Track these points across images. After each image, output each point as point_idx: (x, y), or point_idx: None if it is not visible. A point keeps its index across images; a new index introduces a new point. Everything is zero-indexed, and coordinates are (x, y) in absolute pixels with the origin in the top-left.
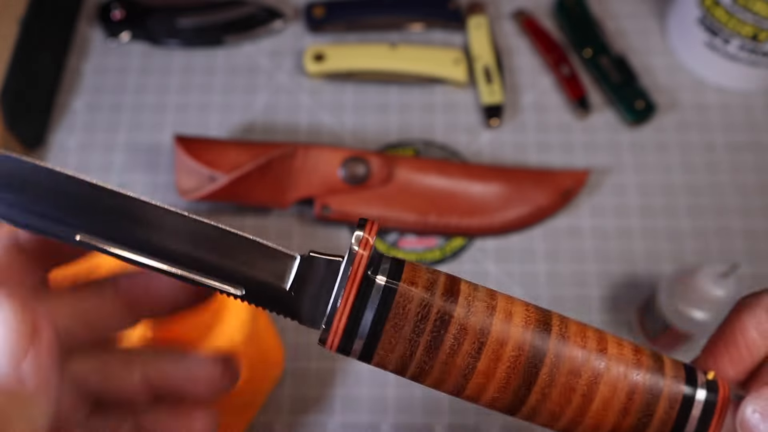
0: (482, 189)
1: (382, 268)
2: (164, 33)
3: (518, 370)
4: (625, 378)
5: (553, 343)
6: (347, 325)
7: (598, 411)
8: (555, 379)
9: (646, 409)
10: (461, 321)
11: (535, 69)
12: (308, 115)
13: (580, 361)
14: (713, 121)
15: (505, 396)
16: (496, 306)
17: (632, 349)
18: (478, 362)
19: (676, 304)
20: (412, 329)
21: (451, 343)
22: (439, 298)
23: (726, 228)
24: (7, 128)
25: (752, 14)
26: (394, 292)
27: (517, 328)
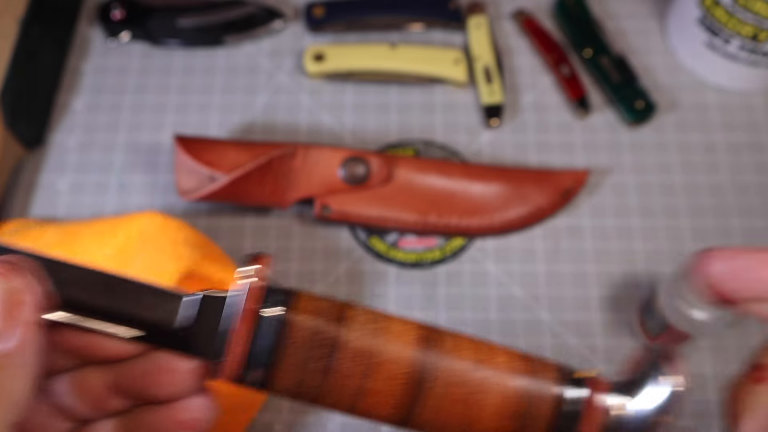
0: (482, 189)
1: (273, 300)
2: (164, 33)
3: (406, 386)
4: (504, 387)
5: (435, 356)
6: (242, 359)
7: (482, 419)
8: (438, 391)
9: (524, 410)
10: (351, 345)
11: (535, 69)
12: (308, 115)
13: (462, 375)
14: (713, 121)
15: (396, 411)
16: (382, 328)
17: (506, 356)
18: (368, 383)
19: (676, 304)
20: (306, 356)
21: (344, 366)
22: (330, 325)
23: (726, 228)
24: (7, 128)
25: (752, 14)
26: (286, 323)
27: (407, 347)
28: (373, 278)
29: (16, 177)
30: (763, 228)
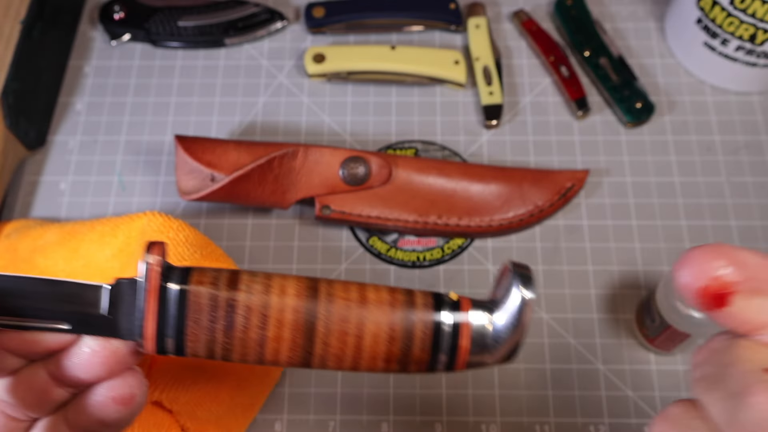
0: (482, 189)
1: (172, 277)
2: (165, 34)
3: (299, 330)
4: (384, 316)
5: (322, 301)
6: (157, 330)
7: (371, 346)
8: (330, 329)
9: (406, 336)
10: (245, 303)
11: (534, 70)
12: (308, 115)
13: (346, 311)
14: (712, 121)
15: (296, 353)
16: (272, 285)
17: (388, 291)
18: (266, 332)
19: (675, 304)
20: (209, 318)
21: (242, 322)
22: (224, 290)
23: (724, 228)
24: (9, 128)
25: (750, 15)
26: (187, 292)
27: (291, 297)
28: (373, 278)
29: (17, 177)
30: (761, 228)
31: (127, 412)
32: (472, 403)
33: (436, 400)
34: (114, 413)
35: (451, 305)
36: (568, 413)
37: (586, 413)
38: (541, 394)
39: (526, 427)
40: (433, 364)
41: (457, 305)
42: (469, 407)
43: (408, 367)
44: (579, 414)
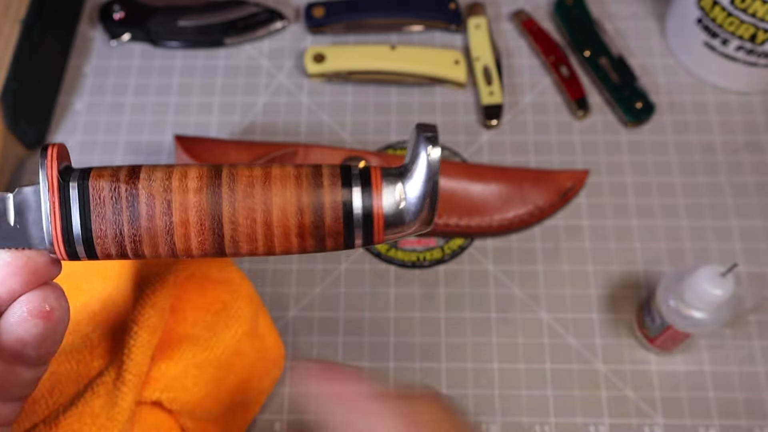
0: (482, 189)
1: (72, 176)
2: (165, 34)
3: (204, 211)
4: (290, 190)
5: (225, 181)
6: (63, 232)
7: (280, 220)
8: (236, 207)
9: (316, 209)
10: (147, 190)
11: (534, 69)
12: (308, 115)
13: (251, 189)
14: (712, 121)
15: (206, 238)
16: (173, 171)
17: (294, 167)
18: (172, 217)
19: (675, 304)
20: (112, 211)
21: (146, 209)
22: (124, 181)
23: (725, 228)
24: (8, 128)
25: (750, 15)
26: (87, 188)
27: (193, 180)
28: (373, 278)
29: (17, 177)
30: (761, 228)
31: (47, 327)
32: (473, 403)
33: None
34: (33, 328)
35: (361, 178)
36: (568, 413)
37: (586, 413)
38: (541, 394)
39: (526, 427)
40: (349, 240)
41: (367, 177)
42: (469, 407)
43: (324, 242)
44: (579, 414)
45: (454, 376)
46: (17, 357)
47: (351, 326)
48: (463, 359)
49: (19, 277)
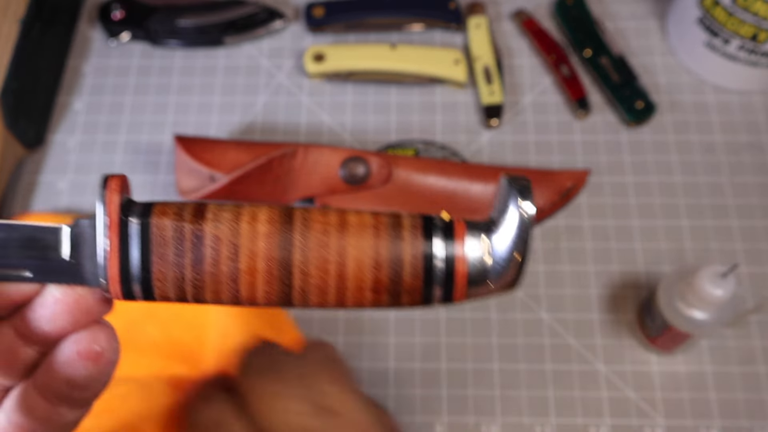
0: (482, 189)
1: (133, 212)
2: (164, 33)
3: (274, 259)
4: (368, 240)
5: (297, 226)
6: (121, 270)
7: (355, 273)
8: (308, 256)
9: (394, 263)
10: (213, 232)
11: (534, 69)
12: (308, 115)
13: (325, 236)
14: (713, 121)
15: (273, 287)
16: (241, 212)
17: (371, 215)
18: (239, 263)
19: (676, 304)
20: (175, 253)
21: (211, 253)
22: (189, 221)
23: (725, 228)
24: (8, 128)
25: (752, 14)
26: (149, 225)
27: (264, 224)
28: None
29: (16, 177)
30: (762, 228)
31: (96, 370)
32: (472, 403)
33: (436, 401)
34: (81, 370)
35: (444, 230)
36: (569, 414)
37: (586, 413)
38: (541, 394)
39: (526, 427)
40: (427, 297)
41: (450, 230)
42: (469, 407)
43: (400, 298)
44: (579, 414)
45: (454, 376)
46: (62, 398)
47: (351, 326)
48: (463, 359)
49: (69, 315)
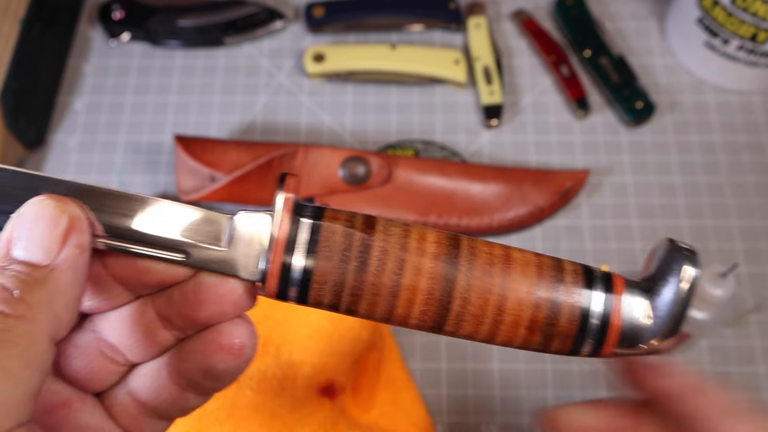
0: (482, 189)
1: (305, 212)
2: (165, 33)
3: (438, 280)
4: (530, 278)
5: (464, 253)
6: (282, 268)
7: (514, 308)
8: (471, 283)
9: (553, 305)
10: (381, 244)
11: (534, 69)
12: (308, 115)
13: (490, 267)
14: (712, 121)
15: (431, 308)
16: (410, 230)
17: (534, 254)
18: (402, 278)
19: None
20: (340, 258)
21: (376, 264)
22: (359, 229)
23: (725, 228)
24: (8, 128)
25: (751, 15)
26: (320, 227)
27: (432, 245)
28: None
29: None
30: (761, 228)
31: (234, 364)
32: (472, 403)
33: (437, 401)
34: (220, 363)
35: (603, 283)
36: None
37: None
38: (541, 394)
39: (526, 427)
40: (576, 346)
41: (609, 284)
42: (469, 407)
43: (551, 342)
44: None
45: (454, 376)
46: (193, 385)
47: None
48: (463, 359)
49: (217, 305)
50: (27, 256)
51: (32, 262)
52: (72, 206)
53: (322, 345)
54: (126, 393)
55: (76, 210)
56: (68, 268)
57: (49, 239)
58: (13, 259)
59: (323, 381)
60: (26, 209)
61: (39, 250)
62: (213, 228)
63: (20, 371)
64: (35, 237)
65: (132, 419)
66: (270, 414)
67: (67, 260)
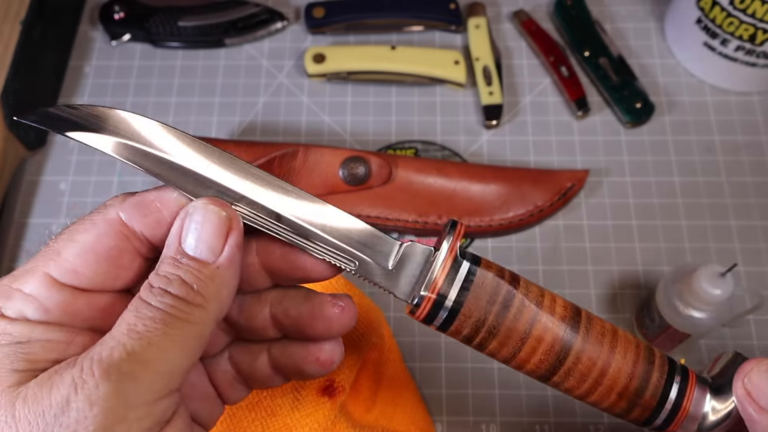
0: (482, 189)
1: (466, 256)
2: (165, 34)
3: (560, 337)
4: (629, 362)
5: (583, 323)
6: (437, 298)
7: (612, 379)
8: (584, 348)
9: (641, 386)
10: (522, 295)
11: (534, 70)
12: (308, 115)
13: (600, 343)
14: (711, 121)
15: (548, 359)
16: (545, 293)
17: (634, 344)
18: (533, 329)
19: (675, 304)
20: (488, 300)
21: (515, 311)
22: (507, 280)
23: (724, 227)
24: (9, 129)
25: (749, 15)
26: (476, 271)
27: (560, 308)
28: None
29: (18, 177)
30: (760, 228)
31: (322, 371)
32: (472, 403)
33: (437, 400)
34: (312, 370)
35: (681, 372)
36: (568, 413)
37: (586, 413)
38: (541, 394)
39: (526, 427)
40: (651, 419)
41: (686, 374)
42: (469, 407)
43: (633, 409)
44: (579, 414)
45: (454, 376)
46: (283, 374)
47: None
48: (463, 359)
49: (328, 325)
50: (197, 253)
51: (202, 260)
52: (230, 210)
53: None
54: (228, 362)
55: (234, 214)
56: (229, 264)
57: (215, 240)
58: (185, 253)
59: (323, 381)
60: (194, 211)
61: (207, 249)
62: (385, 248)
63: (193, 347)
64: (204, 239)
65: (227, 383)
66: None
67: (228, 257)
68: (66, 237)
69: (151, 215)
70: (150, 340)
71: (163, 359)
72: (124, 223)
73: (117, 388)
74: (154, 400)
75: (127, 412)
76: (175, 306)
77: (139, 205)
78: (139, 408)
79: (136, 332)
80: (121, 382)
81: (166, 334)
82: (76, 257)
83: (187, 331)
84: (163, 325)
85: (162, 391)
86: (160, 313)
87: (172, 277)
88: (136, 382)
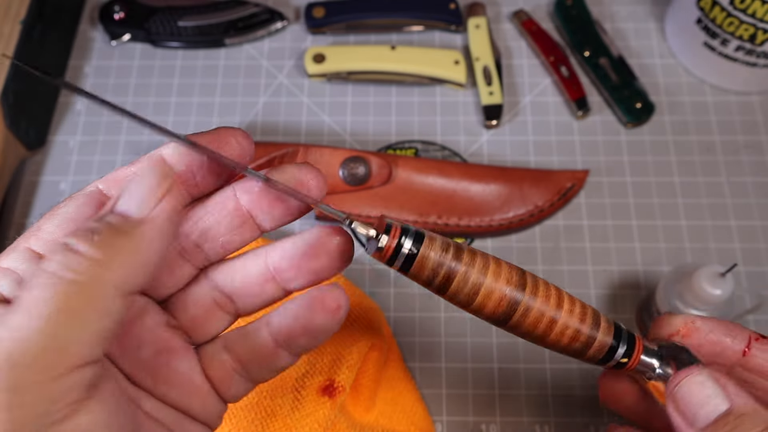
0: (482, 189)
1: (410, 232)
2: (165, 34)
3: (502, 307)
4: (572, 325)
5: (526, 296)
6: (396, 245)
7: (556, 336)
8: (528, 313)
9: (585, 342)
10: (465, 269)
11: (534, 70)
12: (308, 115)
13: (543, 309)
14: (711, 121)
15: (497, 313)
16: (489, 261)
17: (580, 307)
18: (485, 279)
19: (675, 304)
20: (439, 258)
21: (465, 267)
22: (451, 257)
23: (724, 228)
24: (9, 129)
25: (749, 15)
26: (423, 236)
27: (502, 283)
28: (373, 278)
29: (18, 177)
30: (760, 228)
31: (331, 322)
32: (472, 403)
33: (437, 400)
34: (320, 319)
35: (628, 342)
36: (568, 413)
37: (586, 413)
38: (541, 394)
39: (526, 427)
40: (607, 358)
41: (632, 341)
42: (469, 407)
43: (588, 348)
44: (579, 414)
45: (454, 376)
46: (290, 341)
47: None
48: (463, 359)
49: (328, 257)
50: (122, 207)
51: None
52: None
53: (322, 345)
54: (224, 348)
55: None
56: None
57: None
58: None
59: (323, 381)
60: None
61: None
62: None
63: (86, 313)
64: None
65: (224, 373)
66: (270, 414)
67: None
68: (48, 214)
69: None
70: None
71: (49, 332)
72: (104, 194)
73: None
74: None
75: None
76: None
77: (118, 176)
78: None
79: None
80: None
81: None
82: (56, 227)
83: (74, 290)
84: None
85: (57, 369)
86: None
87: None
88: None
